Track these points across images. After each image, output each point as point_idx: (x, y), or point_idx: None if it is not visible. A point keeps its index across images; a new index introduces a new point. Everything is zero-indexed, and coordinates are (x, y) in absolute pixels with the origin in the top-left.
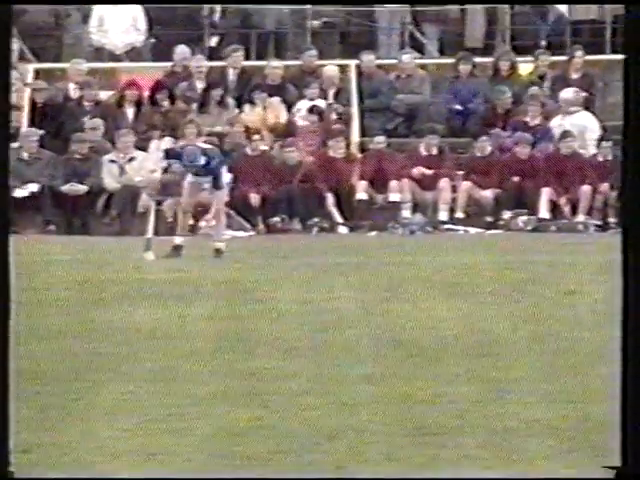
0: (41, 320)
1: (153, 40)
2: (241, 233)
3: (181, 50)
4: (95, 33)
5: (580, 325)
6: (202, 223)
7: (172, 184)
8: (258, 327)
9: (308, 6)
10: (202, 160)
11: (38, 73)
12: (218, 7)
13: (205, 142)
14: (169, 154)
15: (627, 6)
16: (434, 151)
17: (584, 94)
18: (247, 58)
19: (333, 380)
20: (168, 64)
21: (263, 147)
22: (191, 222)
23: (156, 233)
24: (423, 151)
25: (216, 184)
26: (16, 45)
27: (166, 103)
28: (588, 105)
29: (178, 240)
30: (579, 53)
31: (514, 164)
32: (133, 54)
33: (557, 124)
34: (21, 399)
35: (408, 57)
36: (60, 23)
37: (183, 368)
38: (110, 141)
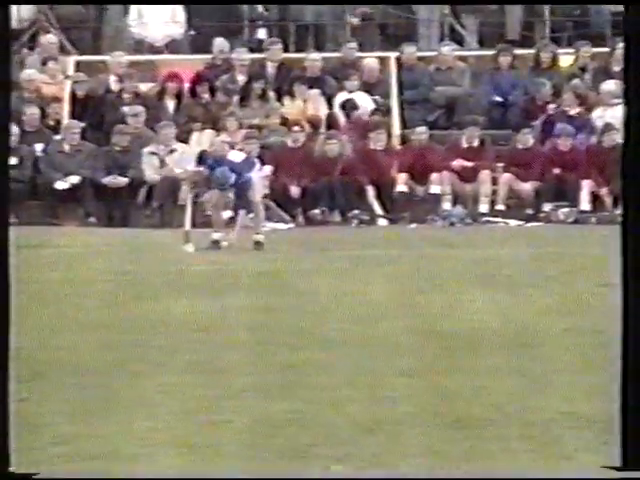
0: (82, 312)
1: (193, 32)
2: (281, 225)
3: (219, 43)
4: (135, 26)
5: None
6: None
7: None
8: (297, 319)
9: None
10: (232, 179)
11: (79, 65)
12: None
13: (246, 135)
14: (202, 159)
15: (627, 6)
16: (475, 143)
17: None
18: (286, 50)
19: (371, 373)
20: (208, 56)
21: (303, 139)
22: (231, 214)
23: (195, 225)
24: (464, 143)
25: (247, 195)
26: (56, 37)
27: (206, 96)
28: None
29: (215, 236)
30: (620, 45)
31: (555, 156)
32: (173, 46)
33: (598, 116)
34: (61, 391)
35: (448, 49)
36: (99, 15)
37: (222, 360)
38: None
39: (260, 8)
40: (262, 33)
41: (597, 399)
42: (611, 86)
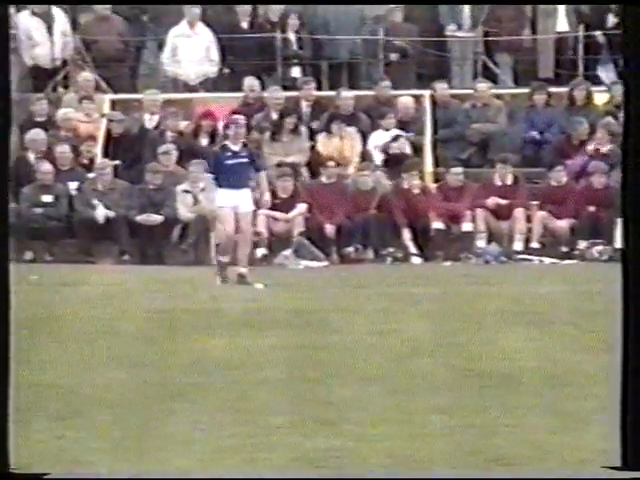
0: (117, 349)
1: (227, 71)
2: (315, 263)
3: (250, 81)
4: (169, 64)
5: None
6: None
7: None
8: (332, 356)
9: (380, 37)
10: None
11: (114, 103)
12: (292, 37)
13: (279, 173)
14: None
15: (626, 6)
16: (509, 181)
17: None
18: (319, 89)
19: (407, 410)
20: (242, 95)
21: (337, 175)
22: (265, 252)
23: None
24: (497, 181)
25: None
26: (92, 75)
27: None
28: None
29: (242, 269)
30: None
31: (590, 193)
32: (207, 85)
33: None
34: (97, 428)
35: (484, 86)
36: (135, 53)
37: (257, 398)
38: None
39: (294, 46)
40: (296, 71)
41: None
42: None
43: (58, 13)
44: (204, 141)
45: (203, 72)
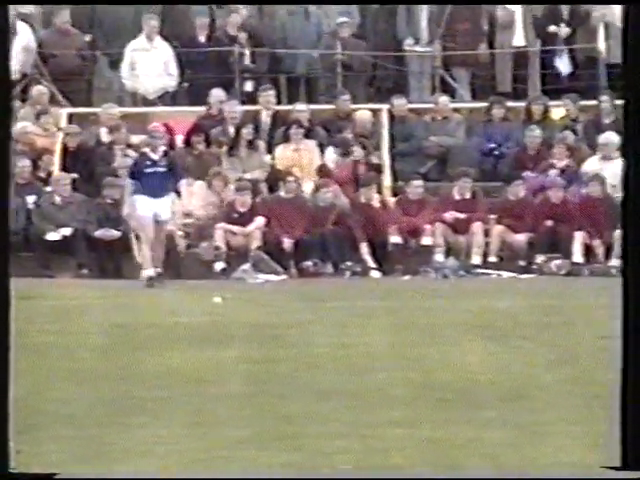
0: (76, 364)
1: (186, 84)
2: (273, 277)
3: (216, 93)
4: (127, 78)
5: (615, 369)
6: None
7: (206, 227)
8: (291, 371)
9: (338, 50)
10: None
11: (71, 117)
12: (247, 51)
13: (238, 187)
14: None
15: (627, 6)
16: (467, 195)
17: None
18: (279, 102)
19: (366, 424)
20: (200, 108)
21: (295, 189)
22: (224, 266)
23: (191, 277)
24: (456, 195)
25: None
26: (46, 88)
27: (201, 146)
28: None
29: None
30: (604, 98)
31: (547, 208)
32: (166, 99)
33: (589, 169)
34: (56, 442)
35: (445, 99)
36: (91, 67)
37: (216, 411)
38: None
39: (247, 60)
40: (249, 86)
41: (595, 450)
42: (607, 139)
43: (22, 27)
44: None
45: (162, 86)
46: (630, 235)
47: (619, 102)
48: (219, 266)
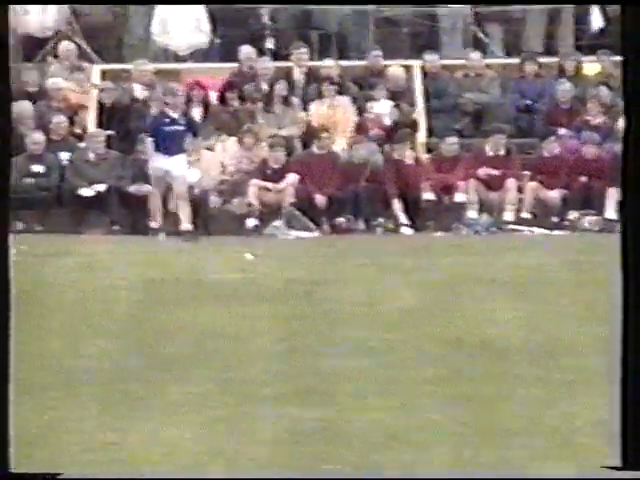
0: (107, 320)
1: (218, 41)
2: (305, 233)
3: (246, 50)
4: (158, 35)
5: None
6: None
7: (240, 183)
8: (323, 327)
9: (370, 6)
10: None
11: (104, 74)
12: (278, 7)
13: (271, 143)
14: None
15: (625, 6)
16: (501, 151)
17: None
18: (311, 59)
19: (398, 381)
20: (232, 65)
21: (330, 145)
22: (256, 223)
23: (223, 233)
24: (490, 151)
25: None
26: (74, 45)
27: (236, 103)
28: None
29: (187, 225)
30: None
31: (581, 164)
32: (198, 55)
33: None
34: (84, 398)
35: (477, 56)
36: (123, 24)
37: (247, 368)
38: None
39: (265, 18)
40: (270, 43)
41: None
42: None
43: None
44: (197, 111)
45: (193, 42)
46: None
47: None
48: (251, 222)
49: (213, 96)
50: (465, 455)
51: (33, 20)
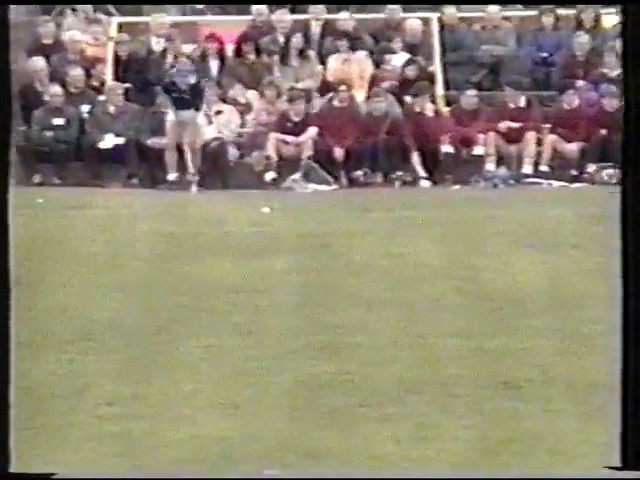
0: (125, 273)
1: None
2: (323, 187)
3: (258, 5)
4: None
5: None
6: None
7: (259, 136)
8: (341, 280)
9: None
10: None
11: (121, 27)
12: None
13: (291, 97)
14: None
15: (626, 6)
16: (521, 103)
17: None
18: (328, 11)
19: (417, 334)
20: (250, 17)
21: (348, 98)
22: (274, 176)
23: (242, 187)
24: (510, 104)
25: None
26: None
27: (252, 56)
28: None
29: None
30: None
31: (600, 117)
32: (215, 7)
33: None
34: (104, 351)
35: (494, 8)
36: None
37: (266, 321)
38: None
39: None
40: None
41: None
42: None
43: None
44: (214, 64)
45: None
46: None
47: None
48: (270, 176)
49: (230, 49)
50: (483, 408)
51: None
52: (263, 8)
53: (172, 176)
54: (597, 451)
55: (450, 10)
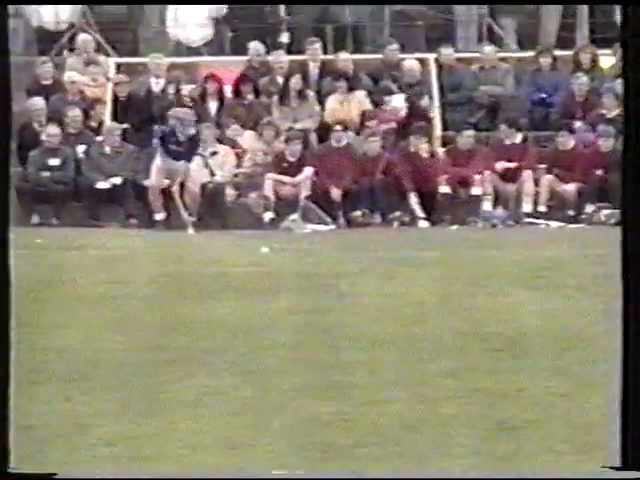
0: (125, 313)
1: (231, 34)
2: (321, 227)
3: (255, 46)
4: (172, 27)
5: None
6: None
7: (256, 177)
8: (340, 320)
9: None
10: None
11: (119, 67)
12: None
13: (288, 137)
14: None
15: (626, 6)
16: (517, 140)
17: None
18: (325, 52)
19: (415, 373)
20: (247, 57)
21: (346, 139)
22: (272, 216)
23: (240, 227)
24: (506, 141)
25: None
26: (91, 37)
27: (250, 96)
28: None
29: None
30: None
31: (597, 157)
32: (211, 48)
33: None
34: (103, 391)
35: (491, 48)
36: (137, 17)
37: (265, 361)
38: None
39: (292, 10)
40: (285, 37)
41: None
42: None
43: None
44: (213, 105)
45: (206, 35)
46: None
47: None
48: (268, 216)
49: (228, 90)
50: (482, 448)
51: (47, 13)
52: (260, 48)
53: (159, 216)
54: None
55: (447, 51)
